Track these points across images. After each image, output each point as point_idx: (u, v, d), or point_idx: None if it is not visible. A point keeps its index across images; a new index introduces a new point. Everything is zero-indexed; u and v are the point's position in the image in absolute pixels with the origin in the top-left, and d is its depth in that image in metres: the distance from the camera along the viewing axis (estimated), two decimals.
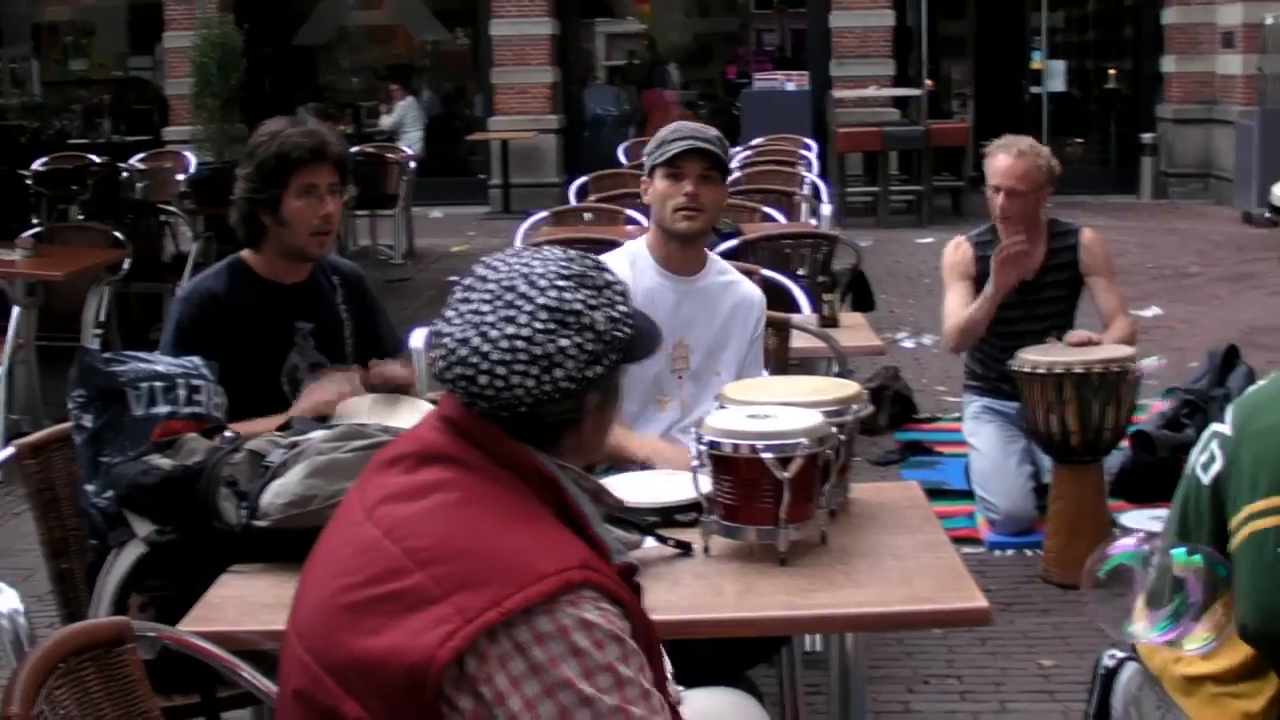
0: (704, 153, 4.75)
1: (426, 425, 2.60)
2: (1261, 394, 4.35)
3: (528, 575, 2.32)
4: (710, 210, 4.79)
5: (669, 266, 4.81)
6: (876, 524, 3.88)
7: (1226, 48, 21.74)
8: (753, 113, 21.66)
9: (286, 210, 4.63)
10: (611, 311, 2.52)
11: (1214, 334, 11.07)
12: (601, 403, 2.56)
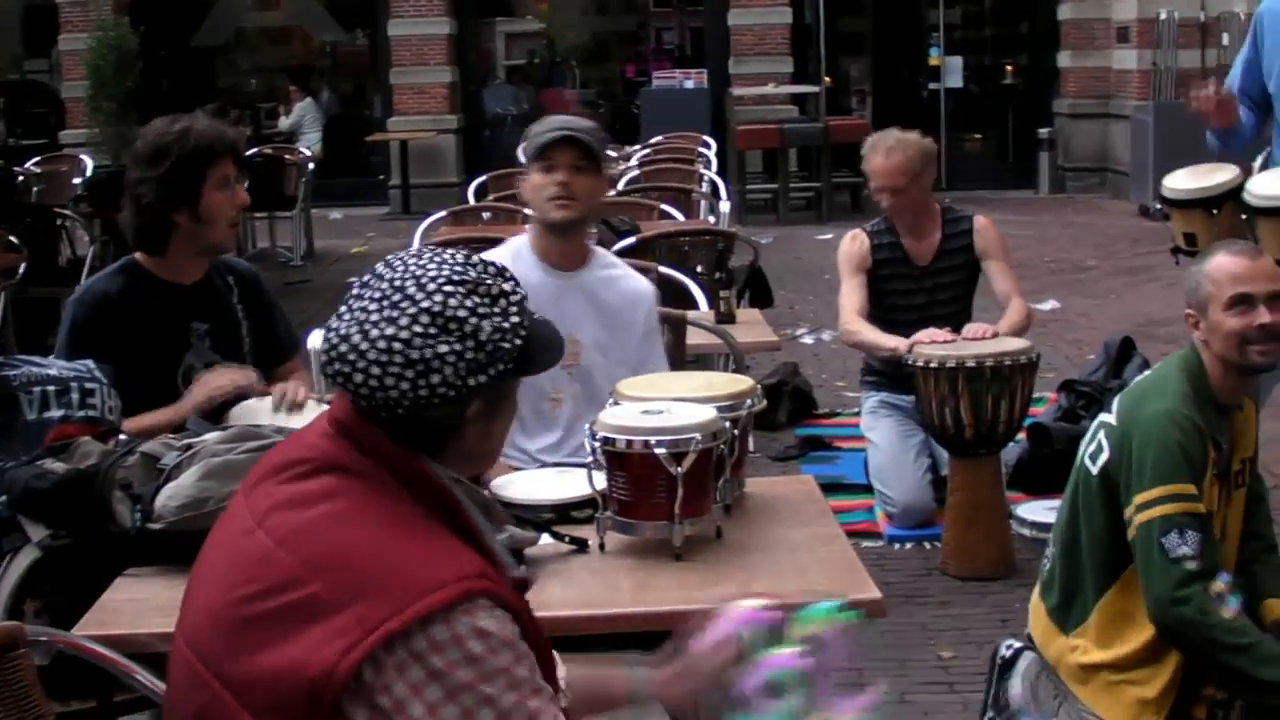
0: (575, 142, 4.72)
1: (316, 430, 2.58)
2: (1145, 383, 4.44)
3: (426, 584, 2.32)
4: (584, 199, 4.77)
5: (550, 260, 4.78)
6: (771, 518, 3.90)
7: (1122, 43, 21.93)
8: (652, 111, 21.69)
9: (206, 205, 4.59)
10: (502, 322, 2.49)
11: (1111, 326, 11.19)
12: (487, 412, 2.53)
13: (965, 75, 24.51)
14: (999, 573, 6.59)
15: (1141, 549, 4.17)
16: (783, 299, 12.69)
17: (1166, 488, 4.13)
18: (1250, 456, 4.54)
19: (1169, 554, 4.08)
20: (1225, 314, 4.29)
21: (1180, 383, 4.32)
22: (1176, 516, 4.10)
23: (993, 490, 6.68)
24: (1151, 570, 4.14)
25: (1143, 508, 4.15)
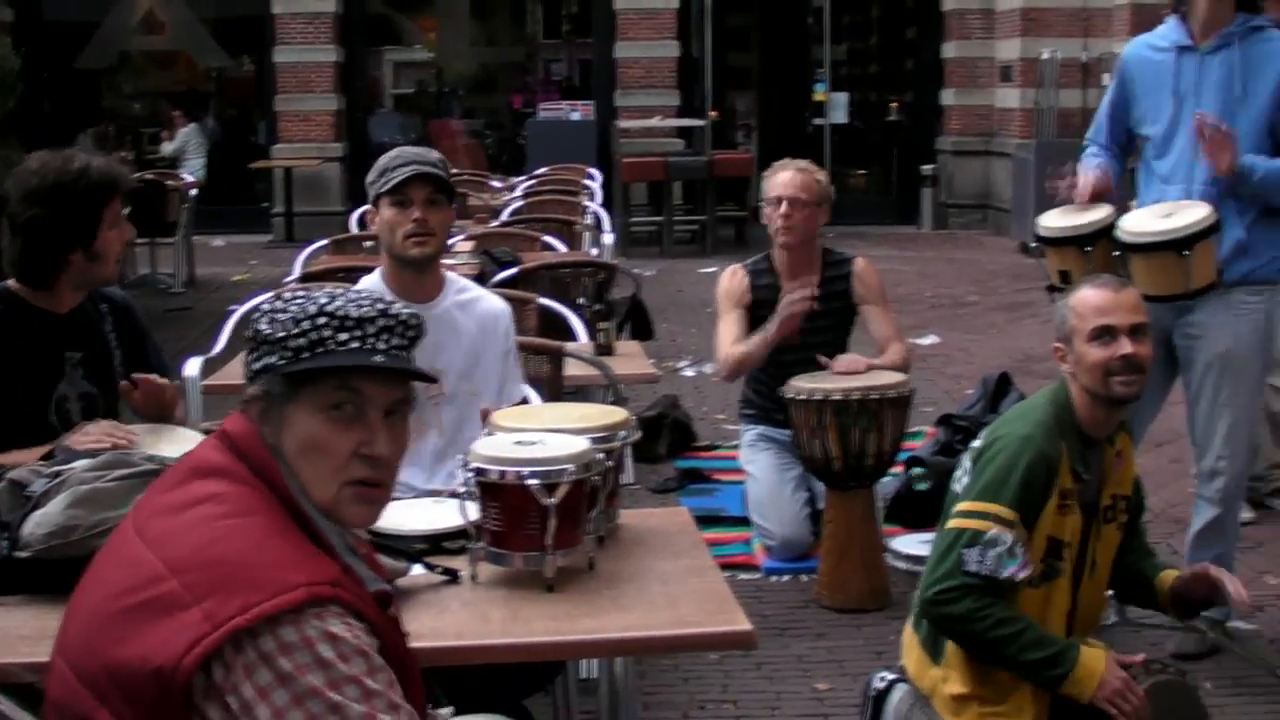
0: (429, 177, 4.74)
1: (207, 443, 2.65)
2: (1012, 412, 4.53)
3: (278, 585, 2.35)
4: (440, 234, 4.79)
5: (406, 295, 4.75)
6: (644, 549, 3.91)
7: (1005, 82, 22.20)
8: (538, 142, 21.69)
9: (101, 243, 4.55)
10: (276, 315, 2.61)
11: (990, 361, 11.30)
12: (265, 406, 2.61)
13: (850, 111, 24.71)
14: (873, 605, 6.63)
15: (942, 543, 4.30)
16: (665, 332, 12.74)
17: (990, 505, 4.24)
18: (1126, 494, 4.60)
19: (963, 564, 4.22)
20: (1089, 345, 4.38)
21: (1044, 413, 4.40)
22: (987, 535, 4.19)
23: (865, 523, 6.72)
24: (940, 566, 4.27)
25: (962, 514, 4.27)
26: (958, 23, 23.01)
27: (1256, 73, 5.75)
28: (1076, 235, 5.70)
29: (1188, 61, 5.84)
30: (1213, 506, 5.95)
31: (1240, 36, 5.77)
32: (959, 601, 4.21)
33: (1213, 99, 5.75)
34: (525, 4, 34.83)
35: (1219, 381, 5.83)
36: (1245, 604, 4.49)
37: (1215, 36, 5.78)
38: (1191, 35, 5.83)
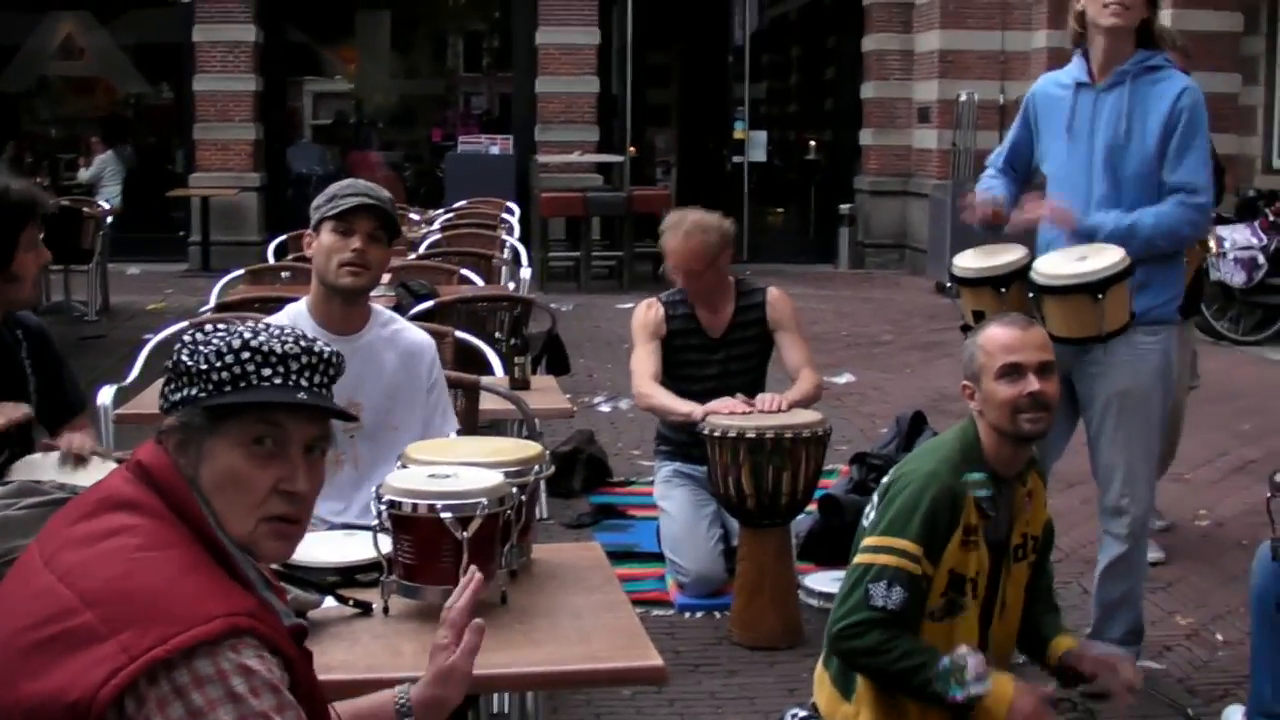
0: (376, 211, 4.74)
1: (118, 474, 2.62)
2: (921, 449, 4.57)
3: (195, 616, 2.34)
4: (375, 270, 4.79)
5: (331, 325, 4.76)
6: (557, 584, 3.91)
7: (922, 122, 22.40)
8: (456, 175, 21.70)
9: (19, 265, 4.52)
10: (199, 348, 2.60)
11: (904, 400, 11.35)
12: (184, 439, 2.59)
13: (769, 149, 24.84)
14: (786, 642, 6.63)
15: (850, 579, 4.34)
16: (581, 367, 12.75)
17: (895, 541, 4.28)
18: (1036, 534, 4.64)
19: (870, 599, 4.27)
20: (997, 383, 4.42)
21: (951, 449, 4.45)
22: (891, 570, 4.25)
23: (779, 560, 6.73)
24: (847, 601, 4.32)
25: (869, 549, 4.31)
26: (877, 64, 23.20)
27: (1147, 112, 5.81)
28: (991, 276, 5.75)
29: (1084, 99, 5.91)
30: (1119, 543, 6.00)
31: (1134, 75, 5.83)
32: (866, 635, 4.25)
33: (1103, 137, 5.83)
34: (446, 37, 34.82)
35: (1118, 420, 5.88)
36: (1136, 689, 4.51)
37: (1111, 74, 5.85)
38: (1090, 73, 5.90)
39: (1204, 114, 5.91)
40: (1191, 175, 5.80)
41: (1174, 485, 8.52)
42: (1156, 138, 5.79)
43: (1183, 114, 5.79)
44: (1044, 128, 6.03)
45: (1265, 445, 10.37)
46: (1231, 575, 7.38)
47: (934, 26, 22.03)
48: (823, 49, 27.37)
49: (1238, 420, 11.29)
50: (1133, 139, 5.80)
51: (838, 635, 4.32)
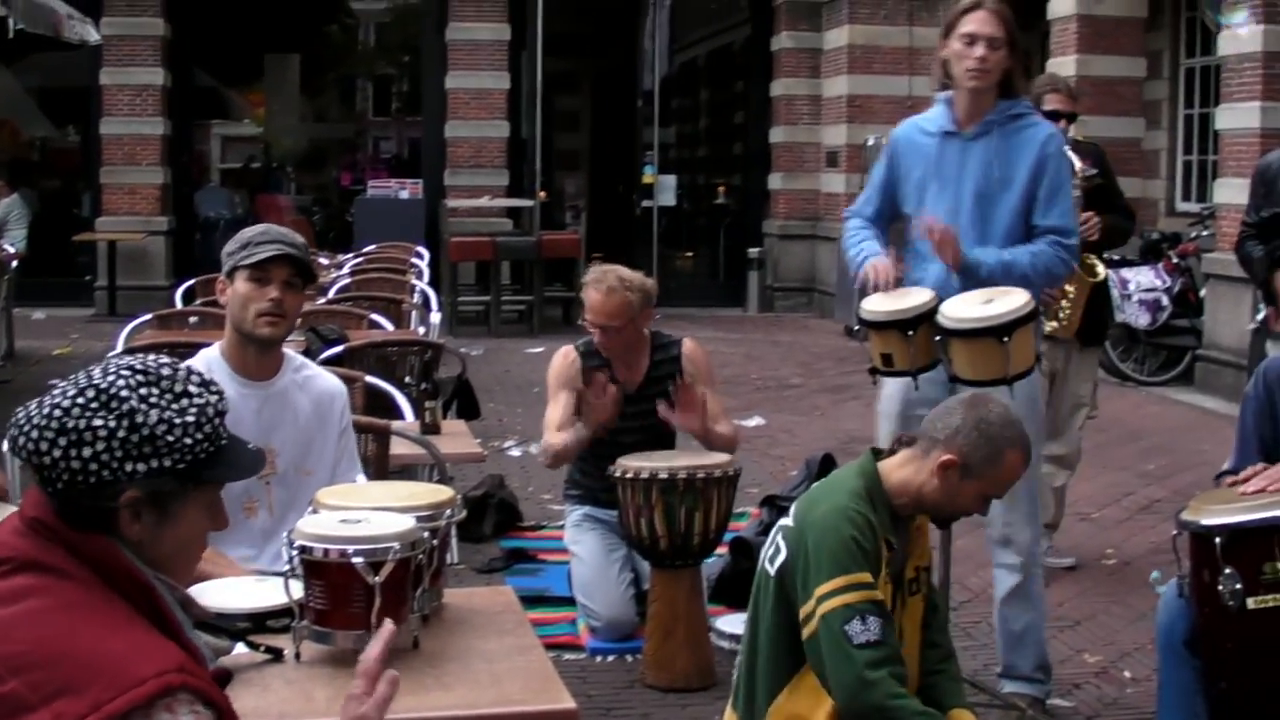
0: (292, 259, 4.74)
1: (8, 528, 2.56)
2: (820, 487, 4.60)
3: (127, 679, 2.32)
4: (291, 317, 4.79)
5: (246, 373, 4.75)
6: (469, 628, 3.91)
7: (830, 166, 22.58)
8: (366, 220, 21.69)
9: None
10: (175, 417, 2.54)
11: (814, 443, 11.40)
12: (151, 508, 2.55)
13: (679, 194, 24.91)
14: (699, 684, 6.64)
15: (826, 640, 4.29)
16: (492, 411, 12.74)
17: (846, 578, 4.28)
18: (925, 565, 4.70)
19: (853, 640, 4.23)
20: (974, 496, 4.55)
21: (855, 482, 4.48)
22: (858, 604, 4.25)
23: (691, 602, 6.74)
24: (837, 659, 4.26)
25: (823, 599, 4.29)
26: (785, 108, 23.38)
27: (1014, 159, 5.92)
28: (899, 319, 5.79)
29: (951, 147, 5.99)
30: (1012, 574, 6.06)
31: (1000, 123, 5.94)
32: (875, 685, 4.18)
33: (972, 184, 5.92)
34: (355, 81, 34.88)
35: None
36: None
37: (977, 123, 5.94)
38: (956, 121, 5.99)
39: (1067, 160, 6.17)
40: (1063, 220, 5.96)
41: (1081, 525, 8.60)
42: (1024, 183, 5.92)
43: (1049, 160, 5.95)
44: (908, 173, 6.10)
45: (1171, 485, 10.48)
46: (1139, 613, 7.45)
47: (842, 72, 22.24)
48: (732, 94, 27.53)
49: (1144, 460, 11.41)
50: (1002, 185, 5.93)
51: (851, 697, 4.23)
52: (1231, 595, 4.63)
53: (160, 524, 2.57)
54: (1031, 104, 7.69)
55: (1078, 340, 8.10)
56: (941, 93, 6.07)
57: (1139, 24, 18.16)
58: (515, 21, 22.49)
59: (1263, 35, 14.30)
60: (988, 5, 5.86)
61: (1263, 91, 14.34)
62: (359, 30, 34.57)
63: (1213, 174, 16.63)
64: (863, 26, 22.02)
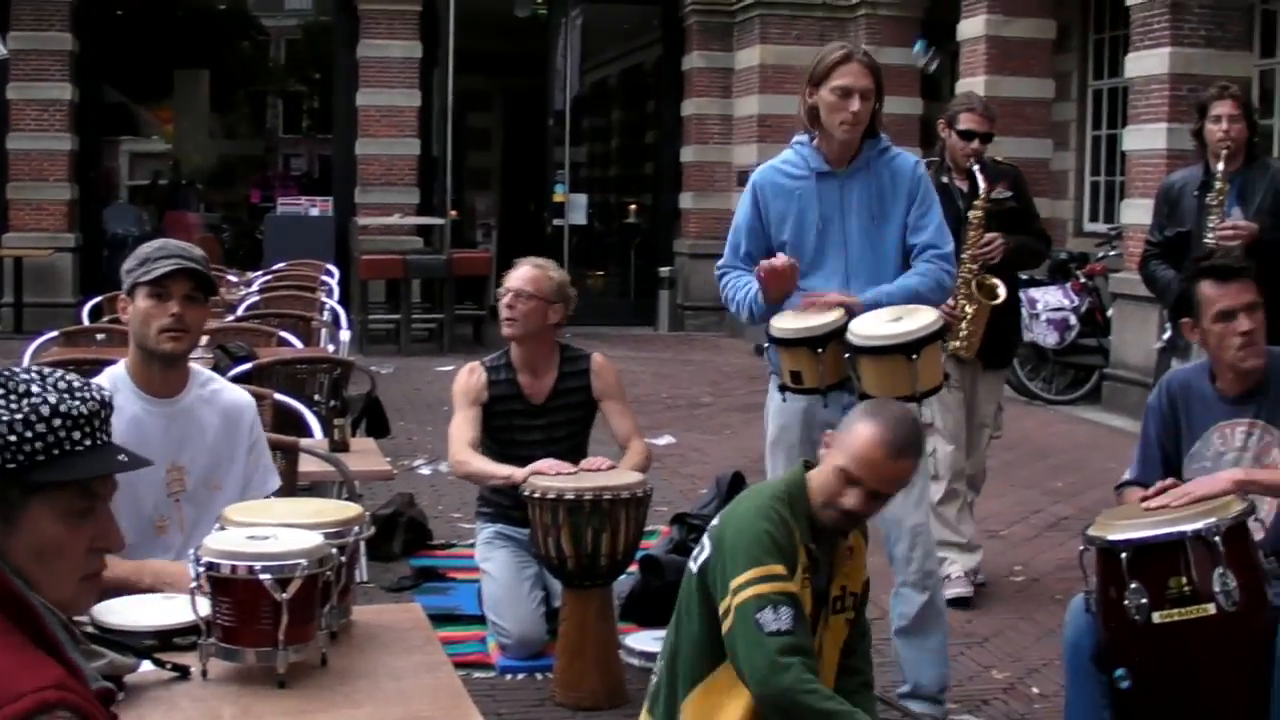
0: (191, 273, 4.70)
1: None
2: (748, 491, 4.66)
3: (3, 695, 2.28)
4: (194, 331, 4.75)
5: (152, 390, 4.71)
6: (377, 645, 3.89)
7: (741, 186, 22.49)
8: (275, 237, 21.60)
9: None
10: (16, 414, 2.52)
11: (724, 461, 11.42)
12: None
13: (590, 212, 24.92)
14: (608, 703, 6.63)
15: (739, 629, 4.35)
16: (402, 429, 12.70)
17: (758, 569, 4.34)
18: (855, 590, 4.72)
19: (764, 629, 4.29)
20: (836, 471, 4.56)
21: (779, 489, 4.56)
22: (769, 595, 4.31)
23: (600, 621, 6.74)
24: (749, 646, 4.32)
25: (737, 590, 4.36)
26: (696, 128, 23.45)
27: (892, 192, 6.11)
28: (809, 337, 5.82)
29: (828, 186, 6.12)
30: (917, 592, 6.09)
31: (874, 159, 6.12)
32: (786, 670, 4.25)
33: (858, 220, 6.08)
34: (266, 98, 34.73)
35: None
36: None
37: (851, 162, 6.09)
38: (828, 161, 6.10)
39: (930, 180, 6.36)
40: (936, 235, 6.12)
41: (990, 542, 8.66)
42: (903, 210, 6.11)
43: (920, 183, 6.16)
44: (780, 217, 6.19)
45: (1078, 502, 10.57)
46: (1047, 629, 7.50)
47: (753, 91, 22.33)
48: (643, 113, 27.62)
49: (1051, 478, 11.51)
50: (885, 218, 6.10)
51: (764, 686, 4.29)
52: (1138, 610, 4.68)
53: (6, 531, 2.54)
54: (945, 121, 7.87)
55: (980, 361, 8.15)
56: (799, 136, 6.19)
57: (1048, 45, 18.35)
58: (426, 39, 22.46)
59: (1169, 58, 14.46)
60: (858, 58, 6.03)
61: (1169, 113, 14.49)
62: (269, 46, 34.45)
63: (1120, 195, 16.83)
64: (774, 46, 22.13)
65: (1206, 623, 4.66)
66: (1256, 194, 7.73)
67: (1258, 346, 5.17)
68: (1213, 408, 5.30)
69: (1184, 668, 4.72)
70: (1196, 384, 5.38)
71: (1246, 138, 7.77)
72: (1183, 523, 4.75)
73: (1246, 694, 4.74)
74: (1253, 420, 5.21)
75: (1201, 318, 5.25)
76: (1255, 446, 5.19)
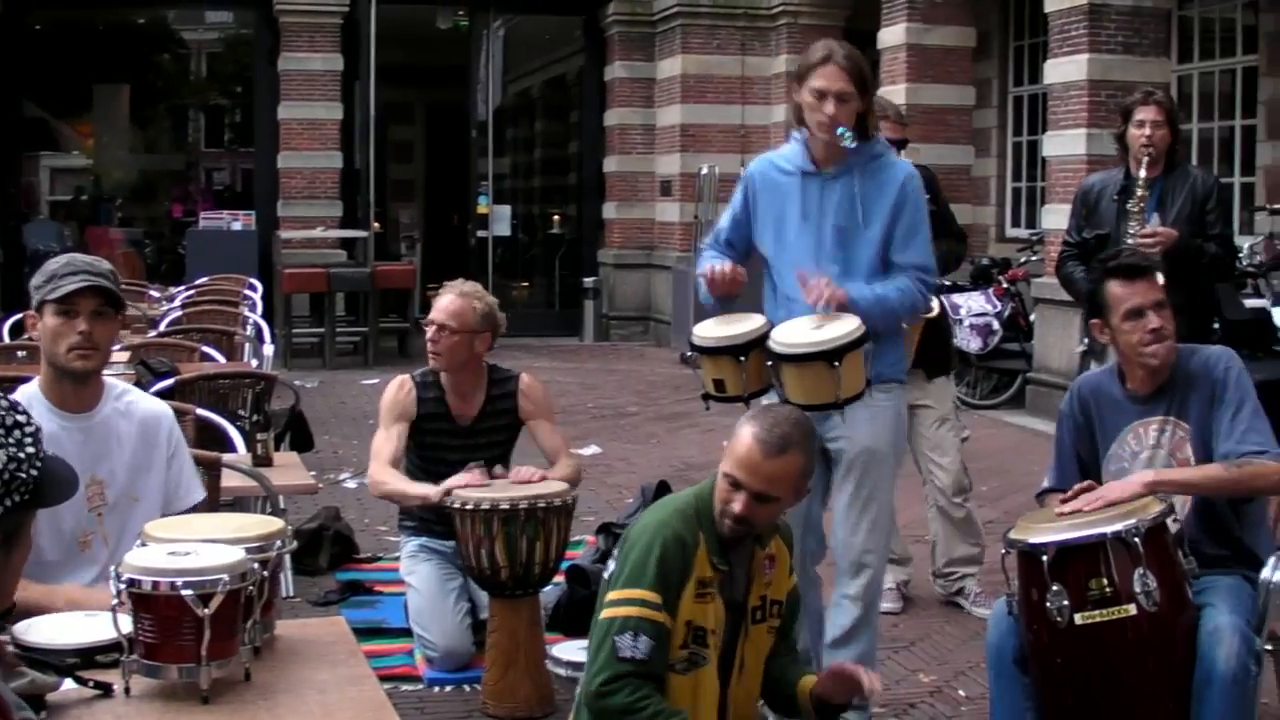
0: (98, 289, 4.67)
1: None
2: (661, 501, 4.68)
3: None
4: (104, 348, 4.72)
5: (66, 406, 4.68)
6: (301, 659, 3.88)
7: (665, 195, 22.68)
8: (198, 251, 21.50)
9: None
10: (17, 452, 2.49)
11: (650, 471, 11.46)
12: (3, 544, 2.51)
13: (514, 224, 24.95)
14: (540, 712, 6.64)
15: (597, 636, 4.42)
16: (327, 444, 12.67)
17: (634, 591, 4.38)
18: (778, 599, 4.73)
19: (618, 651, 4.36)
20: (722, 478, 4.56)
21: (685, 502, 4.57)
22: (634, 620, 4.36)
23: (530, 631, 6.74)
24: (598, 658, 4.39)
25: (612, 604, 4.40)
26: (619, 138, 23.47)
27: (876, 198, 5.98)
28: (731, 345, 5.83)
29: (811, 185, 6.03)
30: (856, 605, 6.07)
31: (861, 164, 5.99)
32: (620, 691, 4.31)
33: (833, 222, 5.98)
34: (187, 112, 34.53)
35: (862, 477, 6.00)
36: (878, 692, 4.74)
37: (837, 163, 6.01)
38: (814, 160, 6.04)
39: (924, 197, 6.19)
40: (924, 257, 6.03)
41: (916, 546, 8.69)
42: (885, 222, 5.97)
43: (909, 199, 6.01)
44: (765, 211, 6.14)
45: (1003, 506, 10.63)
46: (973, 633, 7.55)
47: (675, 101, 22.37)
48: (566, 124, 27.61)
49: (977, 482, 11.47)
50: (863, 224, 5.98)
51: (594, 694, 4.37)
52: (1059, 612, 4.72)
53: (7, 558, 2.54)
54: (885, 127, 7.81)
55: (922, 371, 8.14)
56: (797, 131, 6.13)
57: (968, 53, 18.46)
58: (348, 52, 22.40)
59: (1088, 64, 14.58)
60: (837, 59, 5.89)
61: (1088, 119, 14.61)
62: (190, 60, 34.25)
63: (1041, 200, 16.92)
64: (695, 56, 22.18)
65: (1127, 623, 4.71)
66: (1176, 201, 7.82)
67: (1168, 344, 5.21)
68: (1124, 409, 5.35)
69: (1106, 668, 4.76)
70: (1106, 387, 5.43)
71: (1169, 144, 7.84)
72: (1103, 524, 4.79)
73: (1168, 693, 4.78)
74: (1164, 418, 5.26)
75: (1111, 317, 5.30)
76: (1168, 443, 5.24)
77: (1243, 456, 5.04)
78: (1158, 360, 5.21)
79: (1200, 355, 5.32)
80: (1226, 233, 7.99)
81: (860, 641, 6.11)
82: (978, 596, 8.15)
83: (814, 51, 5.97)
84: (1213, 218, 7.83)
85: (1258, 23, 15.79)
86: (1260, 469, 5.04)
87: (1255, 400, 5.21)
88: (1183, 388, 5.26)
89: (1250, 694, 4.80)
